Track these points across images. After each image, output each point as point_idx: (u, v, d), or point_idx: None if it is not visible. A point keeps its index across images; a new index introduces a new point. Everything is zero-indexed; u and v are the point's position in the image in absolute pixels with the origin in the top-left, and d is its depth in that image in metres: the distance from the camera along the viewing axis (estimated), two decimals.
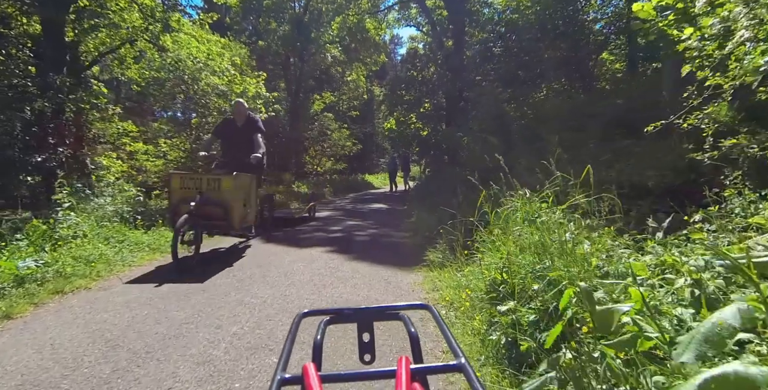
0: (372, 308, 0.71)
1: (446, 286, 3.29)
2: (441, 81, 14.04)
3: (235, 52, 14.84)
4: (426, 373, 0.54)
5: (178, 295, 3.21)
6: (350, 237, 6.02)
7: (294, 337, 0.62)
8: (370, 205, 11.09)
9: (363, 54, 19.31)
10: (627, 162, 4.39)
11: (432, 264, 3.96)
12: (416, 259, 4.28)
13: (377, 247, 5.30)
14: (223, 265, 4.22)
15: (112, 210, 5.55)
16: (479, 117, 8.47)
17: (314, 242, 5.49)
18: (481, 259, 2.82)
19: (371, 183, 21.27)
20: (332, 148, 19.04)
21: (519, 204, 3.04)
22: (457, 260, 3.65)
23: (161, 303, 3.04)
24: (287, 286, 3.48)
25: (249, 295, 3.23)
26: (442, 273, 3.64)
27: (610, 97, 7.83)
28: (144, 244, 4.88)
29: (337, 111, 20.62)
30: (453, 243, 3.91)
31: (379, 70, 26.03)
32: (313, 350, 0.64)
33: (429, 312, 0.71)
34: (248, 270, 4.03)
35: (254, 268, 4.07)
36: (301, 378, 0.50)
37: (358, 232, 6.45)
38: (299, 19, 17.24)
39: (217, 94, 11.63)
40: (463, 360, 0.52)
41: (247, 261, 4.43)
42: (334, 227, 6.94)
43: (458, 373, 0.52)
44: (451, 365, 0.52)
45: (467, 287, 2.92)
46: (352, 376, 0.54)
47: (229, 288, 3.42)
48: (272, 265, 4.21)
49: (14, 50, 11.02)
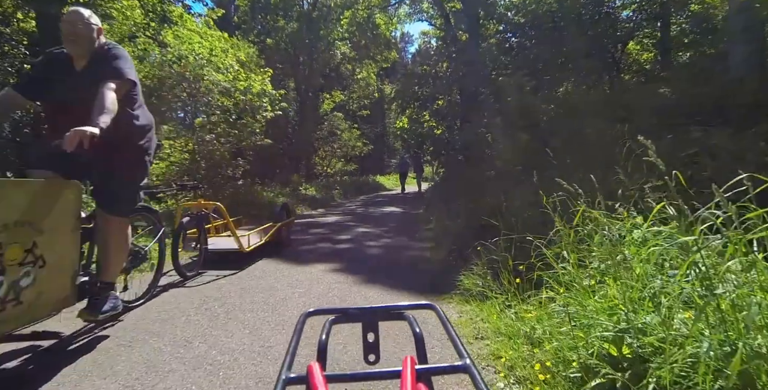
0: (377, 308, 0.69)
1: (495, 331, 2.27)
2: (456, 76, 13.00)
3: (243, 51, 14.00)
4: (431, 374, 0.53)
5: (110, 348, 2.23)
6: (360, 249, 5.01)
7: (299, 336, 0.62)
8: (383, 209, 10.06)
9: (373, 51, 18.34)
10: (718, 158, 3.30)
11: (468, 293, 2.93)
12: (445, 283, 3.26)
13: (393, 263, 4.28)
14: (197, 288, 3.25)
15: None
16: (504, 110, 7.40)
17: (317, 257, 4.49)
18: (565, 308, 1.76)
19: (383, 184, 20.23)
20: (342, 148, 18.12)
21: (607, 220, 2.00)
22: (504, 290, 2.62)
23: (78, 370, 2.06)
24: (273, 328, 2.49)
25: (216, 346, 2.23)
26: (483, 308, 2.61)
27: (656, 85, 6.70)
28: None
29: (347, 110, 19.71)
30: (495, 265, 2.88)
31: (390, 69, 25.05)
32: (318, 350, 0.62)
33: (434, 312, 0.69)
34: (227, 298, 3.05)
35: (234, 297, 3.09)
36: (306, 378, 0.49)
37: (370, 243, 5.44)
38: (307, 15, 16.36)
39: (221, 92, 10.76)
40: (468, 361, 0.51)
41: (228, 284, 3.44)
42: (342, 236, 5.93)
43: (464, 373, 0.50)
44: (457, 366, 0.51)
45: (536, 343, 1.89)
46: (357, 376, 0.52)
47: (193, 332, 2.43)
48: (258, 291, 3.23)
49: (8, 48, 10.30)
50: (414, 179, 16.62)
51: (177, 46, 10.60)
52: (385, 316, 0.69)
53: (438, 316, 0.67)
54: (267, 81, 11.65)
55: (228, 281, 3.54)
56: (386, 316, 0.69)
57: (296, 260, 4.26)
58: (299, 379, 0.49)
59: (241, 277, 3.67)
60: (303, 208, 9.56)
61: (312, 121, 17.05)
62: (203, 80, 10.47)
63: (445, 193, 8.31)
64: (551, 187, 2.47)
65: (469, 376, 0.49)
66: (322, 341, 0.63)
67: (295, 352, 0.56)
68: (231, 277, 3.65)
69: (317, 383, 0.47)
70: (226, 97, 10.68)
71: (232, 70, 10.95)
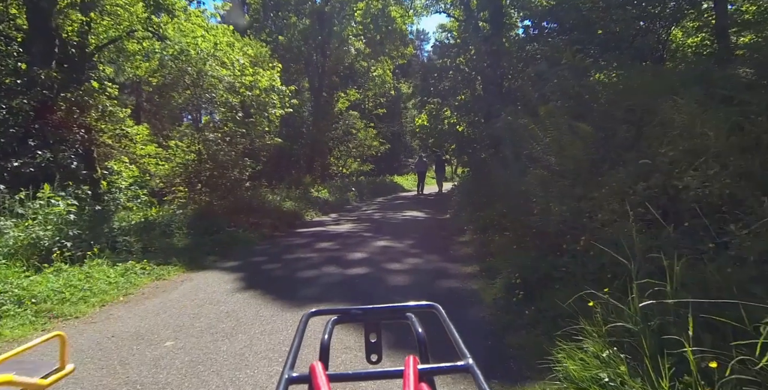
0: (379, 308, 0.68)
1: None
2: (479, 67, 11.58)
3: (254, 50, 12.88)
4: (433, 374, 0.52)
5: None
6: (379, 276, 3.66)
7: (302, 336, 0.60)
8: (403, 213, 8.64)
9: (389, 47, 17.01)
10: None
11: (573, 379, 1.54)
12: (523, 358, 1.88)
13: (430, 302, 2.91)
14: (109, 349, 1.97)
15: (25, 237, 3.42)
16: (548, 96, 5.94)
17: (319, 291, 3.18)
18: None
19: (401, 185, 18.81)
20: (358, 148, 16.86)
21: None
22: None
23: None
24: None
25: None
26: None
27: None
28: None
29: (363, 109, 18.42)
30: (626, 335, 1.51)
31: (406, 68, 23.64)
32: (320, 350, 0.60)
33: (436, 312, 0.67)
34: (154, 386, 1.75)
35: (175, 372, 1.78)
36: (308, 377, 0.48)
37: (392, 266, 4.08)
38: (320, 10, 15.13)
39: (225, 88, 9.57)
40: (470, 361, 0.50)
41: (167, 354, 2.14)
42: (356, 254, 4.57)
43: (465, 373, 0.49)
44: (459, 366, 0.50)
45: None
46: (359, 375, 0.53)
47: None
48: (212, 366, 1.91)
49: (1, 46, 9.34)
50: (433, 179, 15.25)
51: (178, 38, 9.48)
52: (387, 316, 0.68)
53: (440, 316, 0.65)
54: (276, 77, 10.45)
55: (180, 338, 2.24)
56: (388, 316, 0.68)
57: (290, 298, 2.96)
58: (302, 379, 0.48)
59: (201, 329, 2.37)
60: (313, 213, 8.27)
61: (327, 121, 15.84)
62: (206, 76, 9.31)
63: (474, 196, 6.91)
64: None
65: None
66: (324, 341, 0.61)
67: (298, 351, 0.54)
68: (193, 311, 2.35)
69: (319, 383, 0.45)
70: (231, 93, 9.52)
71: (237, 65, 9.75)
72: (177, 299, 3.05)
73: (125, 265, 3.67)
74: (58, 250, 3.70)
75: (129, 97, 16.32)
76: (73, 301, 2.88)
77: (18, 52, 8.79)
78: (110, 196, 9.12)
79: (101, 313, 2.81)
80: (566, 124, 4.96)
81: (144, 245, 4.23)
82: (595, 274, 2.45)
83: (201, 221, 5.58)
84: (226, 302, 2.95)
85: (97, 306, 2.93)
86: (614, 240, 2.52)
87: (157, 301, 3.02)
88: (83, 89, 8.50)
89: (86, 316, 2.72)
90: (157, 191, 9.25)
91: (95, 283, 3.22)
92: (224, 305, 2.87)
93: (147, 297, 3.13)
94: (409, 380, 0.45)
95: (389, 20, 15.58)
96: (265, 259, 4.43)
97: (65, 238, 3.86)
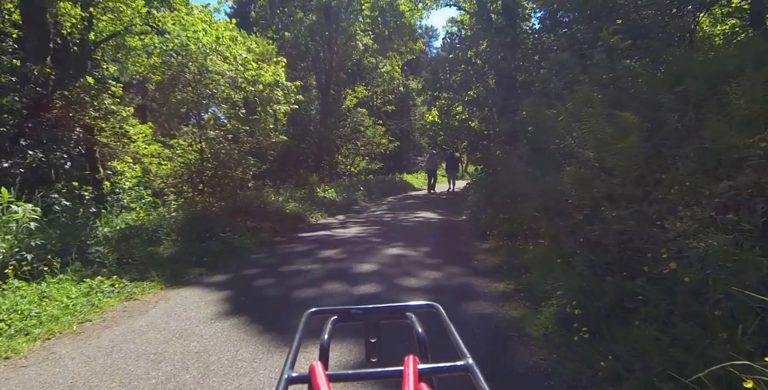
0: (379, 307, 0.66)
1: None
2: (492, 60, 10.81)
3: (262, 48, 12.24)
4: (433, 374, 0.50)
5: None
6: (394, 298, 2.98)
7: (302, 336, 0.59)
8: (415, 215, 7.90)
9: (397, 42, 16.25)
10: None
11: None
12: None
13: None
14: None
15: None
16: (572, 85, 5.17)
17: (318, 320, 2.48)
18: None
19: (411, 184, 18.04)
20: (366, 146, 16.17)
21: None
22: None
23: None
24: None
25: None
26: None
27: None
28: None
29: (371, 106, 17.70)
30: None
31: (415, 64, 22.83)
32: (320, 349, 0.58)
33: (436, 311, 0.66)
34: None
35: None
36: (308, 377, 0.47)
37: (408, 282, 3.38)
38: (327, 5, 14.44)
39: (227, 83, 8.93)
40: (470, 361, 0.49)
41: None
42: (364, 266, 3.87)
43: (465, 373, 0.47)
44: (459, 366, 0.48)
45: None
46: (359, 375, 0.51)
47: None
48: None
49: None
50: (443, 177, 14.50)
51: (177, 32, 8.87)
52: (387, 316, 0.66)
53: (439, 316, 0.64)
54: (280, 71, 9.79)
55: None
56: (388, 316, 0.66)
57: (280, 331, 2.30)
58: (301, 379, 0.47)
59: (156, 384, 1.70)
60: (319, 215, 7.60)
61: (334, 118, 15.18)
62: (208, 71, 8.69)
63: (494, 196, 6.17)
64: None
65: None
66: (324, 341, 0.59)
67: (298, 351, 0.53)
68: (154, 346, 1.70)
69: (319, 382, 0.45)
70: (233, 89, 8.89)
71: (240, 59, 9.10)
72: (141, 330, 2.41)
73: (91, 282, 3.04)
74: (15, 264, 3.08)
75: (135, 96, 15.85)
76: (11, 334, 2.26)
77: (13, 49, 8.29)
78: (113, 197, 8.60)
79: (41, 350, 2.18)
80: (604, 114, 4.21)
81: (120, 256, 3.60)
82: (691, 307, 1.72)
83: (194, 226, 4.94)
84: (201, 335, 2.30)
85: (40, 340, 2.30)
86: (704, 257, 1.80)
87: (116, 332, 2.38)
88: (79, 86, 7.95)
89: (19, 356, 2.09)
90: (159, 192, 8.73)
91: (47, 307, 2.60)
92: (196, 341, 2.22)
93: (107, 325, 2.50)
94: (409, 380, 0.45)
95: (398, 14, 14.83)
96: (259, 271, 3.76)
97: (26, 249, 3.25)
